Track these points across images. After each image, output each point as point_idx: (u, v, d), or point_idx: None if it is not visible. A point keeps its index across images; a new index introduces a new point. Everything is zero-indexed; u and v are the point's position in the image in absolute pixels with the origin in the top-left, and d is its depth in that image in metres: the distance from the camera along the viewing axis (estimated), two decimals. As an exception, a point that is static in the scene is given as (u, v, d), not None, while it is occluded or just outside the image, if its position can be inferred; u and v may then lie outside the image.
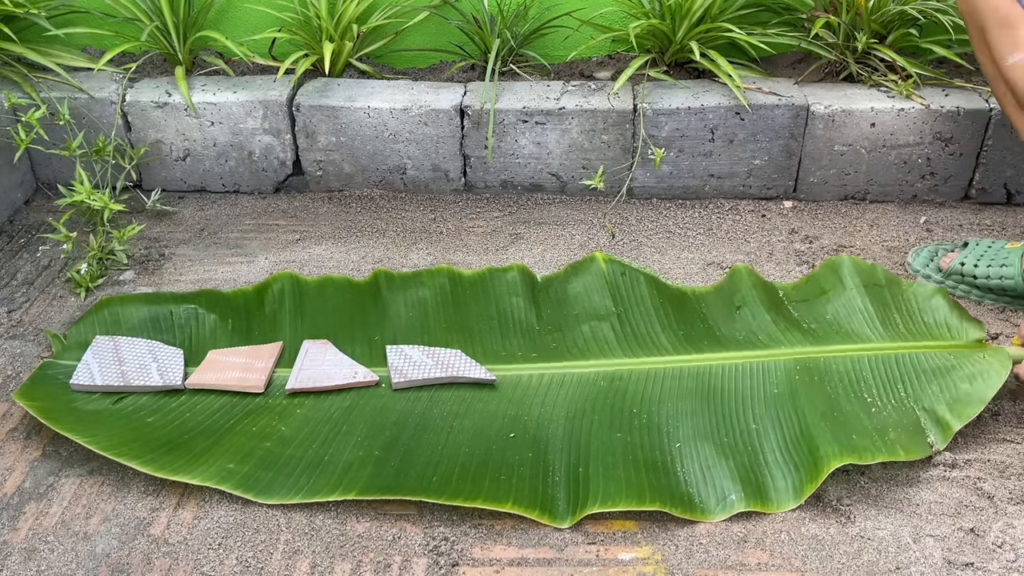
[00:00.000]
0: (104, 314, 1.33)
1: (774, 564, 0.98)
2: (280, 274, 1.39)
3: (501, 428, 1.14)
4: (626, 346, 1.27)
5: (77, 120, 1.63)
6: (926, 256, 1.42)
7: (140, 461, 1.08)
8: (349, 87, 1.66)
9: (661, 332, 1.29)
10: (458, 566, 0.99)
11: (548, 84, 1.66)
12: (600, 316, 1.31)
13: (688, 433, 1.12)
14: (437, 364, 1.22)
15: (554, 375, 1.22)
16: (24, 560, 1.00)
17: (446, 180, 1.68)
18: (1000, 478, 1.07)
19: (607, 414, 1.15)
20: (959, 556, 0.98)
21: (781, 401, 1.15)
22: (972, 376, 1.15)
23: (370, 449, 1.10)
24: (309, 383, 1.20)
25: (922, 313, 1.29)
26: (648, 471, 1.07)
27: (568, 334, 1.29)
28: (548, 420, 1.15)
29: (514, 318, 1.32)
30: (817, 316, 1.30)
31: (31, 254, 1.54)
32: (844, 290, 1.32)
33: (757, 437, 1.11)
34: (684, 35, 1.60)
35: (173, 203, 1.68)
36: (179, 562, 0.99)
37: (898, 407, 1.13)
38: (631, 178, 1.64)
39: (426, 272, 1.39)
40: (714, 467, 1.07)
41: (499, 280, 1.38)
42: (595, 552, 1.00)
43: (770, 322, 1.28)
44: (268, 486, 1.06)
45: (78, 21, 1.74)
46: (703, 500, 1.04)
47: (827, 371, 1.19)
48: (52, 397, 1.18)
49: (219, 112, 1.63)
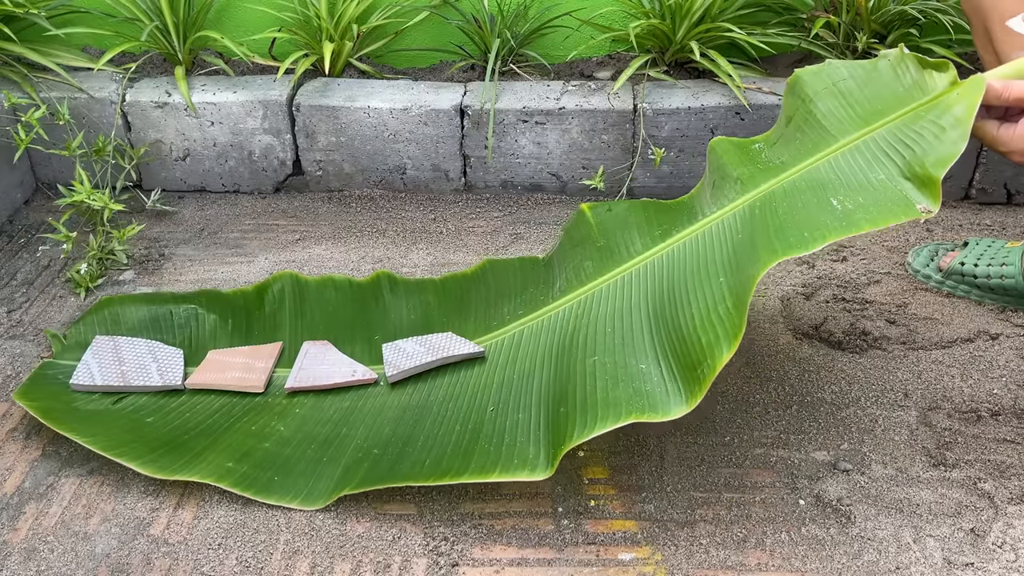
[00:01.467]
0: (104, 314, 1.33)
1: (774, 564, 0.98)
2: (281, 274, 1.39)
3: (491, 397, 1.13)
4: (602, 268, 1.23)
5: (77, 120, 1.63)
6: (926, 256, 1.42)
7: (140, 462, 1.08)
8: (349, 87, 1.66)
9: (638, 239, 1.23)
10: (458, 566, 0.99)
11: (548, 84, 1.66)
12: (584, 256, 1.27)
13: (652, 333, 1.07)
14: (428, 350, 1.22)
15: (535, 323, 1.21)
16: (24, 560, 1.00)
17: (446, 180, 1.68)
18: (1000, 478, 1.07)
19: (581, 344, 1.11)
20: (959, 556, 0.98)
21: (742, 247, 1.06)
22: (949, 125, 1.03)
23: (369, 449, 1.10)
24: (308, 382, 1.20)
25: (892, 83, 1.13)
26: (624, 384, 1.02)
27: (555, 284, 1.27)
28: (532, 371, 1.13)
29: (508, 292, 1.31)
30: (788, 147, 1.18)
31: (31, 254, 1.54)
32: (803, 102, 1.19)
33: (712, 297, 1.04)
34: (684, 35, 1.60)
35: (173, 203, 1.68)
36: (179, 562, 0.99)
37: (876, 190, 1.03)
38: (631, 178, 1.64)
39: (430, 280, 1.39)
40: (669, 366, 1.02)
41: (499, 267, 1.38)
42: (595, 552, 1.00)
43: (738, 179, 1.17)
44: (266, 485, 1.06)
45: (78, 21, 1.74)
46: (671, 396, 0.99)
47: (793, 190, 1.09)
48: (52, 397, 1.18)
49: (219, 112, 1.63)
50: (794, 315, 1.36)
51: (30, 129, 1.52)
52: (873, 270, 1.44)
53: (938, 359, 1.26)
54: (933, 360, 1.26)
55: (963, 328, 1.31)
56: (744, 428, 1.17)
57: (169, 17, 1.63)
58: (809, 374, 1.25)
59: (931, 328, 1.32)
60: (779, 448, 1.13)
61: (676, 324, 1.04)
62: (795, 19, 1.67)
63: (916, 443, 1.13)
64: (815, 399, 1.21)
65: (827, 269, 1.45)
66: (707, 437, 1.15)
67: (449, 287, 1.37)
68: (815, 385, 1.23)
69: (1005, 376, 1.23)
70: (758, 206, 1.10)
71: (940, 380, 1.23)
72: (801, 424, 1.17)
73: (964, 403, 1.19)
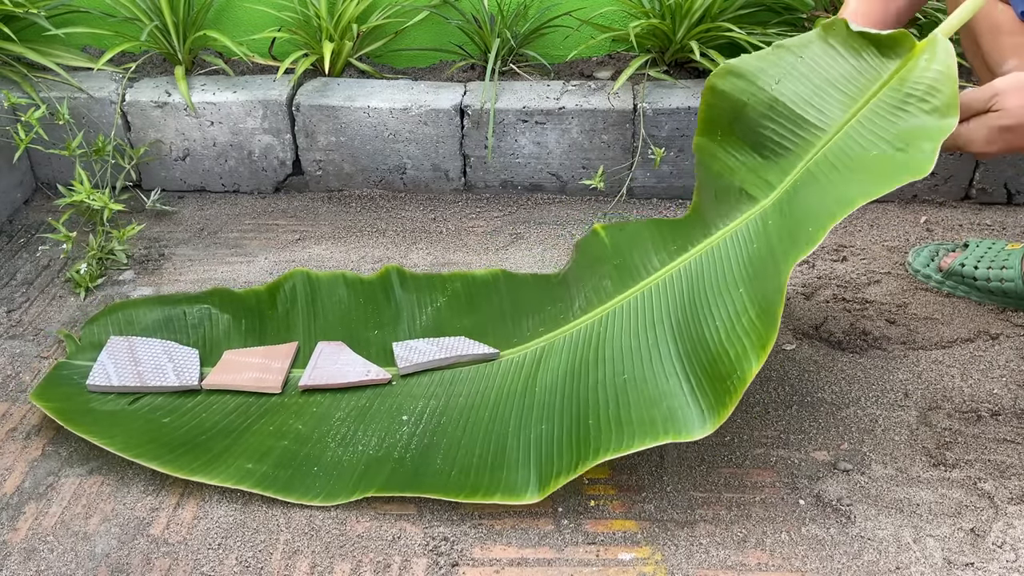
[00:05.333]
0: (117, 316, 1.33)
1: (774, 564, 0.98)
2: (292, 272, 1.39)
3: (514, 410, 1.13)
4: (621, 286, 1.23)
5: (77, 120, 1.63)
6: (926, 256, 1.42)
7: (159, 462, 1.08)
8: (349, 87, 1.66)
9: (654, 255, 1.24)
10: (458, 566, 0.99)
11: (548, 84, 1.66)
12: (602, 275, 1.29)
13: (671, 352, 1.07)
14: (440, 348, 1.23)
15: (556, 340, 1.21)
16: (24, 560, 1.00)
17: (446, 180, 1.68)
18: (1000, 478, 1.07)
19: (605, 363, 1.12)
20: (959, 556, 0.98)
21: (759, 258, 1.05)
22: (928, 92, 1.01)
23: (389, 449, 1.10)
24: (322, 380, 1.20)
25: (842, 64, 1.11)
26: (649, 406, 1.03)
27: (575, 303, 1.28)
28: (554, 385, 1.14)
29: (526, 308, 1.32)
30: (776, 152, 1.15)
31: (31, 254, 1.54)
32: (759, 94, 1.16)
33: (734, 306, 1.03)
34: (684, 35, 1.60)
35: (173, 203, 1.68)
36: (179, 562, 0.99)
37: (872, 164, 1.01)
38: (631, 178, 1.64)
39: (438, 276, 1.40)
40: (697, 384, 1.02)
41: (513, 281, 1.39)
42: (595, 552, 1.00)
43: (741, 188, 1.16)
44: (287, 484, 1.06)
45: (78, 21, 1.74)
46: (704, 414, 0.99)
47: (804, 182, 1.07)
48: (68, 398, 1.18)
49: (219, 112, 1.62)
50: (794, 315, 1.36)
51: (30, 129, 1.52)
52: (873, 270, 1.44)
53: (938, 359, 1.26)
54: (933, 360, 1.26)
55: (963, 328, 1.31)
56: (744, 428, 1.17)
57: (169, 17, 1.63)
58: (809, 374, 1.25)
59: (931, 328, 1.32)
60: (779, 448, 1.13)
61: (701, 338, 1.05)
62: (795, 19, 1.67)
63: (916, 443, 1.13)
64: (815, 399, 1.21)
65: (827, 269, 1.45)
66: (707, 437, 1.15)
67: (458, 290, 1.38)
68: (815, 385, 1.23)
69: (1005, 376, 1.23)
70: (771, 213, 1.10)
71: (940, 380, 1.23)
72: (801, 424, 1.17)
73: (964, 403, 1.19)
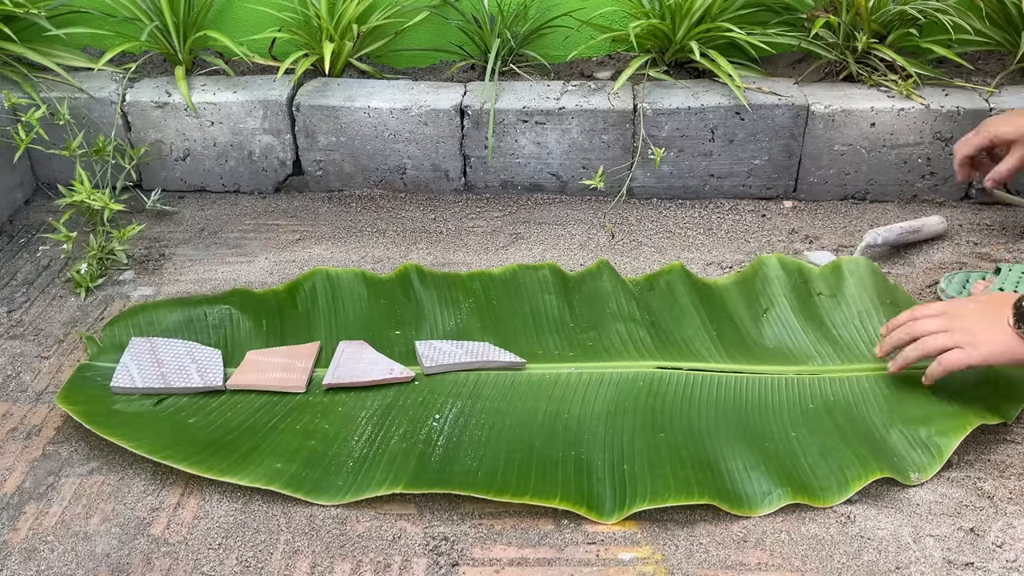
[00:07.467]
0: (138, 317, 1.33)
1: (774, 564, 0.98)
2: (312, 271, 1.40)
3: (543, 425, 1.14)
4: (663, 348, 1.27)
5: (77, 120, 1.63)
6: (958, 283, 1.40)
7: (188, 463, 1.08)
8: (349, 87, 1.66)
9: (695, 336, 1.29)
10: (458, 566, 0.99)
11: (548, 84, 1.66)
12: (635, 319, 1.31)
13: (728, 438, 1.12)
14: (466, 352, 1.24)
15: (592, 374, 1.23)
16: (24, 560, 1.00)
17: (446, 180, 1.68)
18: (1000, 478, 1.07)
19: (648, 415, 1.15)
20: (959, 556, 0.98)
21: (817, 416, 1.15)
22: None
23: (413, 444, 1.11)
24: (346, 379, 1.20)
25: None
26: (695, 468, 1.07)
27: (603, 333, 1.30)
28: (588, 418, 1.15)
29: (546, 323, 1.33)
30: (844, 317, 1.31)
31: (31, 254, 1.54)
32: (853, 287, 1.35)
33: (797, 443, 1.11)
34: (684, 35, 1.60)
35: (173, 203, 1.68)
36: (179, 562, 0.99)
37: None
38: (631, 178, 1.64)
39: (456, 276, 1.41)
40: (755, 468, 1.07)
41: (529, 288, 1.39)
42: (595, 552, 1.00)
43: (799, 330, 1.29)
44: (317, 484, 1.07)
45: (78, 21, 1.74)
46: (749, 496, 1.04)
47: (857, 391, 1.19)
48: (93, 400, 1.18)
49: (219, 112, 1.63)
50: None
51: (30, 129, 1.52)
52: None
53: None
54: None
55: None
56: (744, 428, 1.16)
57: (169, 17, 1.63)
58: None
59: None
60: (779, 448, 1.13)
61: (791, 455, 1.10)
62: (795, 19, 1.67)
63: (916, 443, 1.13)
64: (815, 399, 1.21)
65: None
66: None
67: (478, 292, 1.38)
68: (815, 385, 1.23)
69: (1005, 376, 1.23)
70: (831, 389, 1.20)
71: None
72: (801, 424, 1.17)
73: (964, 403, 1.19)
